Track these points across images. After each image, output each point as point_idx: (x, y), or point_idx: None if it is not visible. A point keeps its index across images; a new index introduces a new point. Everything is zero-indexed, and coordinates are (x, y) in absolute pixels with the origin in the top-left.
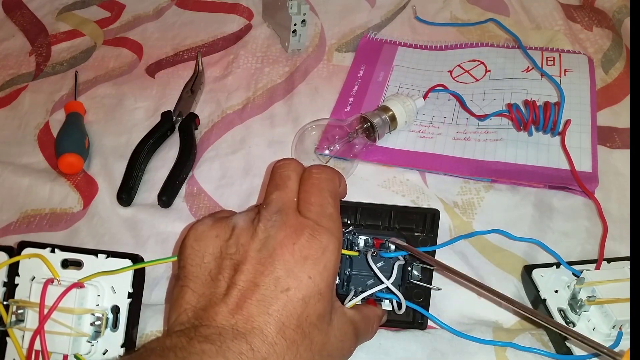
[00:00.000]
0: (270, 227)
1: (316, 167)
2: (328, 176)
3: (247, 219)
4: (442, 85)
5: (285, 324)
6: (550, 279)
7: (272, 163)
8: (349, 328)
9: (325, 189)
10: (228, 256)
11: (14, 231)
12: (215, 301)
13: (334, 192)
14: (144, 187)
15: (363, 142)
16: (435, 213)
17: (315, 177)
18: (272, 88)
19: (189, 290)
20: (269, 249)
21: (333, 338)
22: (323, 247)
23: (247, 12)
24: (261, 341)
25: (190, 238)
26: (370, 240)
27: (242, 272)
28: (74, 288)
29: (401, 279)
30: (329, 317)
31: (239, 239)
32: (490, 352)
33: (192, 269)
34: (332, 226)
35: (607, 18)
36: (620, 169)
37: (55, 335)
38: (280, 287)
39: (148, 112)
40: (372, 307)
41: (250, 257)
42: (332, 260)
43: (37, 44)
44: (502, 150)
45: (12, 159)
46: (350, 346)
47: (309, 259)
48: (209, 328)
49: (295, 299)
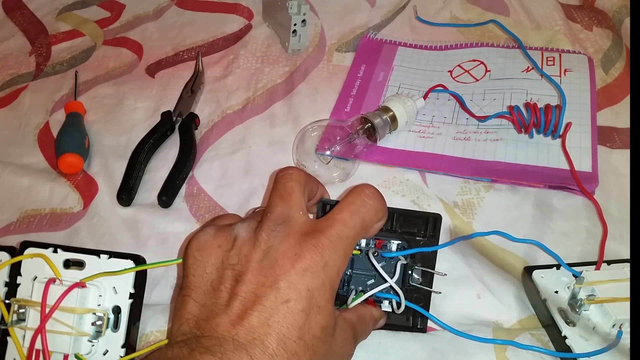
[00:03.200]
0: (273, 237)
1: (369, 189)
2: (374, 205)
3: (249, 229)
4: (442, 85)
5: (287, 335)
6: (550, 280)
7: (275, 171)
8: (349, 333)
9: (361, 213)
10: (230, 267)
11: (14, 231)
12: (216, 312)
13: (366, 223)
14: (144, 187)
15: (364, 142)
16: (437, 218)
17: (362, 198)
18: (272, 88)
19: (191, 300)
20: (271, 260)
21: (335, 347)
22: (324, 263)
23: (247, 12)
24: (262, 352)
25: (193, 248)
26: (371, 241)
27: (243, 282)
28: (75, 287)
29: (402, 282)
30: (332, 329)
31: (240, 250)
32: (490, 352)
33: (194, 279)
34: (340, 245)
35: (607, 18)
36: (620, 169)
37: (56, 335)
38: (280, 299)
39: (148, 112)
40: (369, 306)
41: (251, 268)
42: (332, 277)
43: (37, 44)
44: (502, 150)
45: (12, 159)
46: (350, 350)
47: (309, 272)
48: (210, 339)
49: (295, 310)
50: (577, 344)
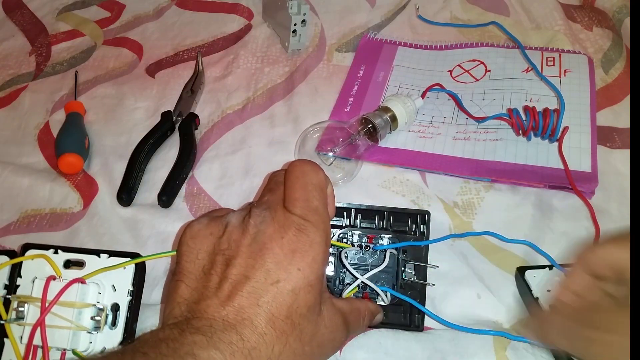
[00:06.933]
0: (259, 222)
1: (298, 161)
2: (311, 169)
3: (240, 217)
4: (439, 84)
5: (275, 314)
6: (543, 279)
7: (270, 172)
8: (338, 319)
9: (308, 182)
10: (221, 252)
11: (14, 231)
12: (207, 294)
13: (318, 185)
14: (144, 187)
15: (365, 143)
16: (425, 214)
17: (298, 170)
18: (272, 88)
19: (183, 284)
20: (259, 243)
21: (323, 328)
22: (310, 241)
23: (247, 12)
24: (251, 331)
25: (187, 236)
26: (364, 237)
27: (233, 266)
28: (76, 283)
29: (395, 275)
30: (318, 308)
31: (231, 236)
32: (490, 353)
33: (186, 265)
34: (318, 220)
35: (607, 18)
36: (620, 169)
37: (55, 330)
38: (270, 280)
39: (148, 112)
40: (364, 300)
41: (241, 252)
42: (320, 253)
43: (37, 44)
44: (502, 150)
45: (12, 159)
46: (341, 337)
47: (297, 252)
48: (201, 320)
49: (284, 290)
50: None
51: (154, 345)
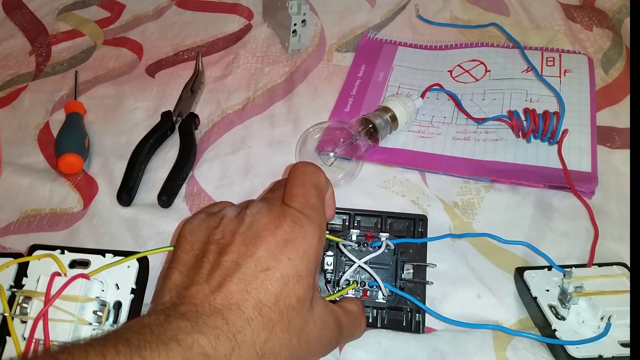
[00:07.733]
0: (255, 212)
1: (301, 163)
2: (312, 170)
3: (236, 210)
4: (439, 84)
5: (263, 301)
6: (541, 279)
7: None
8: (330, 319)
9: (308, 181)
10: (215, 241)
11: (14, 231)
12: (198, 280)
13: (317, 185)
14: (144, 187)
15: (365, 143)
16: (422, 218)
17: (299, 170)
18: (272, 88)
19: (177, 271)
20: (253, 232)
21: (312, 325)
22: (304, 233)
23: (247, 12)
24: (237, 316)
25: (185, 230)
26: (362, 234)
27: (226, 253)
28: (79, 278)
29: (394, 279)
30: (309, 302)
31: (226, 227)
32: (490, 352)
33: (182, 254)
34: (314, 215)
35: (607, 18)
36: (620, 169)
37: (57, 323)
38: (260, 267)
39: (148, 112)
40: (358, 301)
41: (235, 240)
42: (313, 246)
43: (37, 44)
44: (502, 150)
45: (12, 159)
46: (331, 337)
47: (290, 242)
48: (188, 305)
49: (273, 277)
50: (566, 337)
51: (137, 332)
